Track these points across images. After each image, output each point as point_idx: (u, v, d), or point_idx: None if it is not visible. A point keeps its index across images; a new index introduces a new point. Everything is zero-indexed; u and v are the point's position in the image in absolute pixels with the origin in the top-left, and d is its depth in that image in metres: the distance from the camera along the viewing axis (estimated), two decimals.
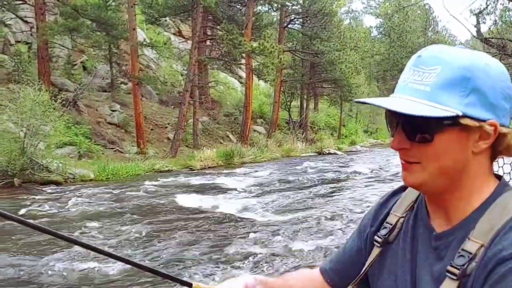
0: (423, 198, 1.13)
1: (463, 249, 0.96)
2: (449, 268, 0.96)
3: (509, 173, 3.27)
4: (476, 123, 0.96)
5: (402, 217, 1.16)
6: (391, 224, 1.17)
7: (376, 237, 1.19)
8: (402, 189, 1.23)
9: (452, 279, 0.95)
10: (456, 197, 1.01)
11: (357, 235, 1.30)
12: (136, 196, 13.08)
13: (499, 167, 2.90)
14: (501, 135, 0.98)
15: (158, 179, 16.22)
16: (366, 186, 15.42)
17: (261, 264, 7.28)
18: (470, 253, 0.94)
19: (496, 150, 1.02)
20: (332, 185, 15.65)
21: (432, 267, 1.03)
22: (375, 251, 1.19)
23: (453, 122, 0.95)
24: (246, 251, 7.90)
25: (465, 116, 0.95)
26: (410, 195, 1.19)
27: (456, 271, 0.94)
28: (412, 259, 1.09)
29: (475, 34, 10.59)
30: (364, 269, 1.20)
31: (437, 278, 1.00)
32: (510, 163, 3.17)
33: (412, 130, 0.99)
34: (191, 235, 8.97)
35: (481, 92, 0.96)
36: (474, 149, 0.98)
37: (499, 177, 1.06)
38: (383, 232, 1.18)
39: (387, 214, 1.21)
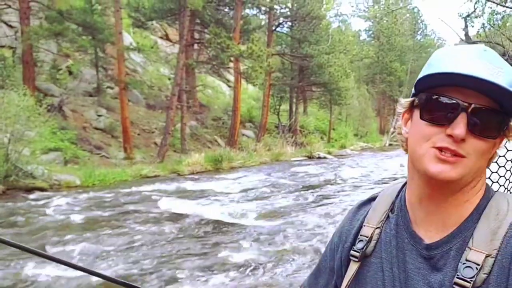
0: (403, 206, 1.09)
1: (467, 260, 0.93)
2: (457, 280, 0.92)
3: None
4: None
5: (377, 227, 1.12)
6: (366, 237, 1.12)
7: (352, 252, 1.13)
8: (370, 200, 1.20)
9: None
10: (462, 200, 0.99)
11: (329, 255, 1.25)
12: (123, 202, 12.91)
13: None
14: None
15: (146, 185, 16.03)
16: (356, 190, 15.35)
17: (250, 271, 7.16)
18: (478, 264, 0.92)
19: None
20: (322, 190, 15.56)
21: (428, 278, 0.98)
22: (353, 266, 1.12)
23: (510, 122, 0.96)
24: (235, 258, 7.82)
25: None
26: (382, 204, 1.15)
27: (467, 284, 0.91)
28: (400, 271, 1.04)
29: (463, 37, 10.58)
30: (343, 286, 1.13)
31: None
32: None
33: (482, 121, 0.93)
34: (179, 242, 8.84)
35: None
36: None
37: None
38: (359, 245, 1.12)
39: (360, 226, 1.16)
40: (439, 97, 0.96)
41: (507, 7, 10.00)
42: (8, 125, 14.17)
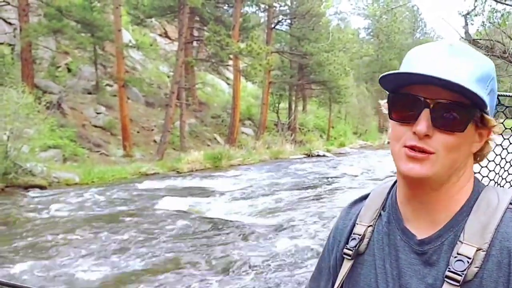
0: (394, 203, 1.09)
1: (459, 253, 0.93)
2: (448, 273, 0.93)
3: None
4: (493, 122, 0.97)
5: (370, 225, 1.12)
6: (359, 235, 1.12)
7: (345, 250, 1.14)
8: (363, 198, 1.21)
9: (453, 285, 0.92)
10: (448, 196, 0.99)
11: (327, 255, 1.24)
12: (122, 200, 12.90)
13: None
14: (487, 141, 1.01)
15: (145, 182, 16.02)
16: (355, 188, 15.34)
17: (249, 269, 7.15)
18: (469, 258, 0.92)
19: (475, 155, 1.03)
20: (321, 188, 15.56)
21: (421, 273, 0.99)
22: (346, 264, 1.13)
23: (482, 114, 0.95)
24: (233, 256, 7.79)
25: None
26: (374, 202, 1.15)
27: (458, 277, 0.91)
28: (392, 267, 1.04)
29: (463, 35, 10.55)
30: (337, 284, 1.13)
31: (432, 284, 0.96)
32: None
33: (446, 115, 0.93)
34: (177, 240, 8.83)
35: (494, 94, 0.99)
36: (472, 148, 0.99)
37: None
38: (352, 243, 1.13)
39: (353, 225, 1.16)
40: (404, 96, 0.98)
41: (507, 4, 9.99)
42: (7, 123, 14.16)
